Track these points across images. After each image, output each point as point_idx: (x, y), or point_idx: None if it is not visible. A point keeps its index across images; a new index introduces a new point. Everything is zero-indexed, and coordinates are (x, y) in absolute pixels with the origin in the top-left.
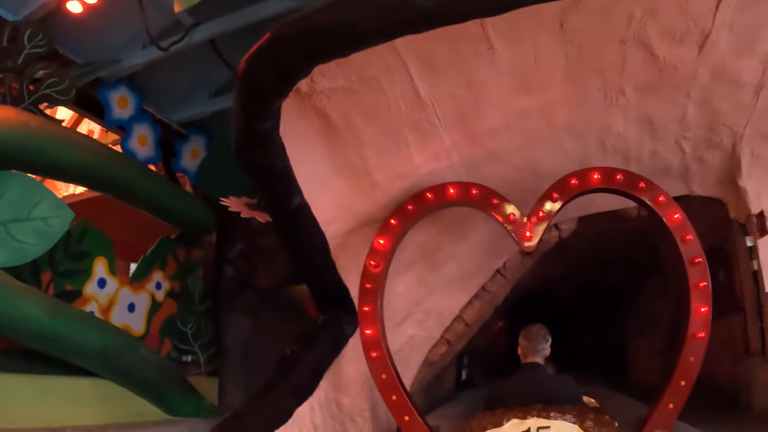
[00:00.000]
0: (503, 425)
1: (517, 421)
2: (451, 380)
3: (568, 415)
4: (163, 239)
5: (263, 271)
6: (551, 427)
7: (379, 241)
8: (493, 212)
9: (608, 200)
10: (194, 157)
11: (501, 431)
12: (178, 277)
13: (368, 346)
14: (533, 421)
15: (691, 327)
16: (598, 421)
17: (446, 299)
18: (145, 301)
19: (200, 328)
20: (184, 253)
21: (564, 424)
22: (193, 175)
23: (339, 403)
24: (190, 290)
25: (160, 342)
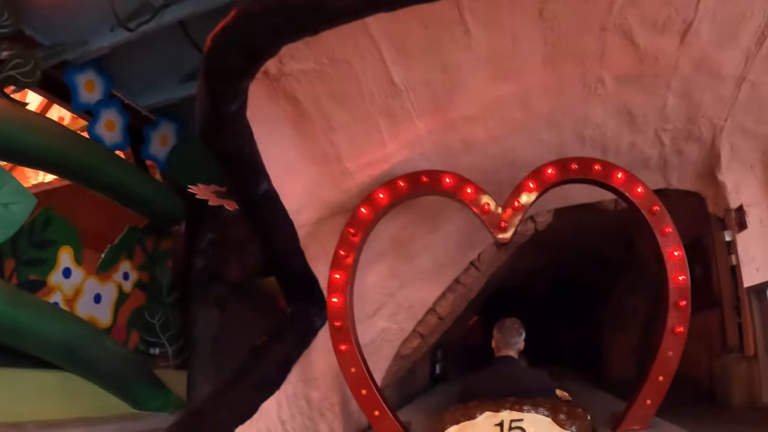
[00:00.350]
0: (476, 418)
1: (491, 413)
2: (425, 374)
3: (541, 408)
4: (131, 228)
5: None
6: (524, 420)
7: (349, 230)
8: (468, 202)
9: (585, 192)
10: (164, 144)
11: (474, 424)
12: (147, 267)
13: (337, 339)
14: (506, 413)
15: (669, 321)
16: (570, 414)
17: (419, 292)
18: (112, 292)
19: (168, 319)
20: (152, 243)
21: (537, 417)
22: (162, 162)
23: (308, 397)
24: (158, 281)
25: (127, 334)
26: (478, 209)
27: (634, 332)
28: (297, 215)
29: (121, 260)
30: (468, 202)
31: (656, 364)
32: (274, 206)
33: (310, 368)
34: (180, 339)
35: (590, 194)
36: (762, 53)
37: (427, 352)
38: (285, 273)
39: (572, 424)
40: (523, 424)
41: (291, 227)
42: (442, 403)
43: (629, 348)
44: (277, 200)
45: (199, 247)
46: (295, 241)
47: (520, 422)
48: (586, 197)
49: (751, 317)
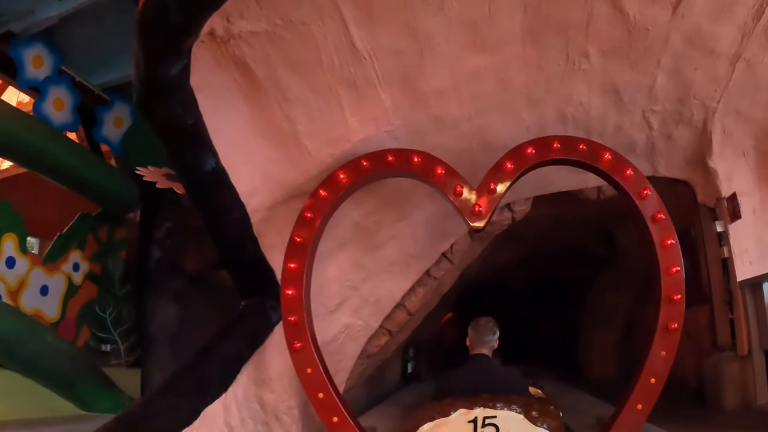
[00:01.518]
0: (450, 415)
1: (465, 411)
2: (396, 373)
3: (514, 405)
4: (83, 216)
5: (193, 254)
6: (497, 417)
7: (306, 214)
8: (438, 184)
9: (567, 178)
10: (118, 126)
11: (448, 421)
12: (99, 258)
13: (291, 336)
14: (480, 411)
15: (662, 317)
16: (543, 411)
17: (386, 285)
18: (61, 284)
19: (121, 314)
20: (106, 232)
21: (510, 414)
22: (116, 145)
23: (262, 400)
24: (110, 272)
25: (77, 329)
26: (449, 193)
27: (614, 329)
28: (250, 198)
29: (72, 250)
30: (438, 184)
31: (647, 364)
32: (222, 187)
33: (265, 368)
34: (133, 335)
35: (572, 180)
36: (759, 29)
37: (398, 350)
38: (236, 263)
39: (544, 421)
40: (496, 421)
41: (242, 211)
42: (413, 403)
43: (609, 345)
44: (225, 180)
45: (155, 237)
46: (247, 226)
47: (494, 419)
48: (568, 183)
49: (744, 313)
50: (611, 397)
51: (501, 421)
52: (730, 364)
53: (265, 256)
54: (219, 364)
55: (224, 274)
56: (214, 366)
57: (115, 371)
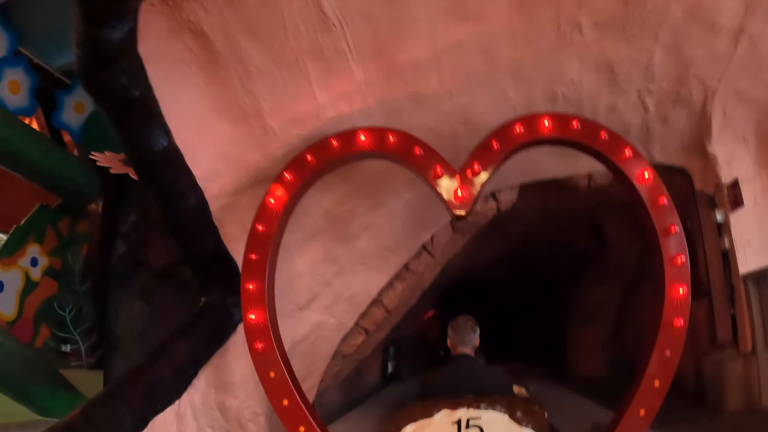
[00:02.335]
0: (433, 416)
1: (448, 411)
2: (376, 373)
3: (498, 405)
4: (42, 207)
5: (160, 248)
6: (481, 418)
7: (269, 199)
8: (416, 166)
9: (555, 164)
10: (79, 112)
11: (431, 422)
12: (59, 252)
13: (252, 335)
14: (463, 411)
15: (666, 313)
16: (527, 412)
17: (360, 279)
18: (17, 280)
19: (81, 312)
20: (67, 225)
21: (494, 415)
22: (77, 132)
23: (224, 406)
24: (71, 268)
25: (36, 328)
26: (429, 176)
27: (603, 326)
28: (209, 183)
29: (29, 243)
30: (416, 167)
31: (651, 365)
32: (175, 168)
33: (227, 371)
34: (94, 334)
35: (561, 166)
36: (764, 1)
37: (377, 350)
38: (195, 255)
39: (529, 421)
40: (480, 422)
41: (200, 197)
42: (392, 405)
43: (597, 342)
44: (180, 162)
45: (120, 230)
46: (206, 214)
47: (478, 420)
48: (557, 170)
49: (748, 308)
50: (600, 397)
51: (485, 422)
52: (733, 362)
53: (226, 248)
54: (172, 367)
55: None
56: (167, 369)
57: (75, 373)
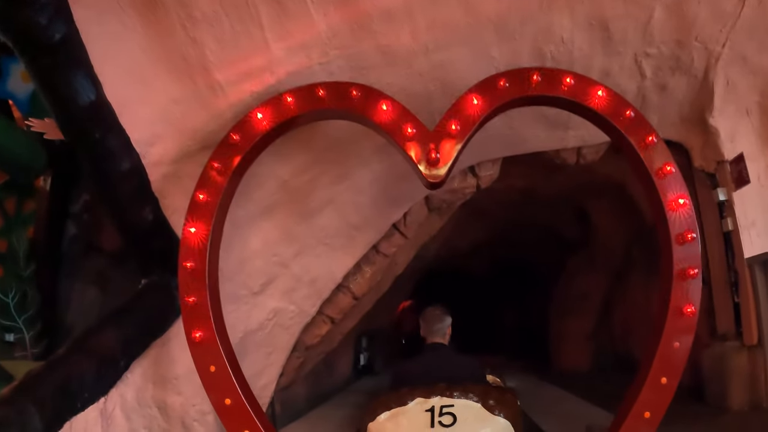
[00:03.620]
0: (407, 404)
1: (422, 399)
2: (347, 366)
3: (471, 394)
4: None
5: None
6: (455, 406)
7: (213, 164)
8: (383, 125)
9: (542, 136)
10: (26, 81)
11: (405, 410)
12: (5, 233)
13: (190, 322)
14: (437, 399)
15: (675, 298)
16: (500, 400)
17: (323, 261)
18: None
19: (26, 298)
20: (14, 205)
21: (467, 403)
22: (23, 102)
23: (163, 404)
24: (15, 250)
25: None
26: (397, 135)
27: (588, 317)
28: (148, 148)
29: None
30: (384, 126)
31: (657, 359)
32: (106, 127)
33: (169, 363)
34: (38, 323)
35: (548, 138)
36: None
37: (347, 341)
38: (130, 228)
39: (501, 409)
40: (453, 410)
41: (136, 162)
42: (364, 399)
43: (583, 334)
44: (110, 119)
45: (71, 211)
46: (144, 183)
47: (451, 408)
48: (543, 142)
49: (754, 296)
50: (585, 392)
51: (458, 409)
52: (736, 355)
53: (168, 222)
54: (97, 358)
55: None
56: (90, 361)
57: (19, 365)
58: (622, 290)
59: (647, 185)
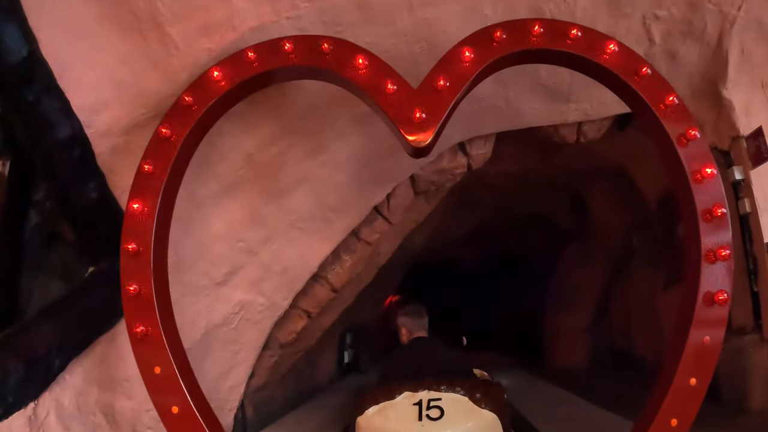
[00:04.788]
0: (395, 398)
1: (409, 393)
2: (331, 364)
3: (458, 387)
4: None
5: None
6: (442, 399)
7: (162, 130)
8: (360, 83)
9: (540, 110)
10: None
11: (393, 404)
12: None
13: (132, 315)
14: (425, 393)
15: (704, 284)
16: (487, 393)
17: (296, 248)
18: None
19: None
20: None
21: (454, 397)
22: None
23: (111, 409)
24: None
25: None
26: (377, 93)
27: (585, 310)
28: (94, 115)
29: None
30: (360, 82)
31: (685, 357)
32: (41, 88)
33: (118, 362)
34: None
35: (546, 111)
36: None
37: (329, 338)
38: (73, 207)
39: (488, 403)
40: (441, 403)
41: (77, 131)
42: (348, 398)
43: (579, 329)
44: (46, 79)
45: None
46: (86, 154)
47: (438, 401)
48: (541, 116)
49: None
50: (582, 390)
51: (445, 403)
52: (756, 350)
53: (117, 201)
54: (24, 357)
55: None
56: (16, 361)
57: None
58: (621, 282)
59: (667, 154)
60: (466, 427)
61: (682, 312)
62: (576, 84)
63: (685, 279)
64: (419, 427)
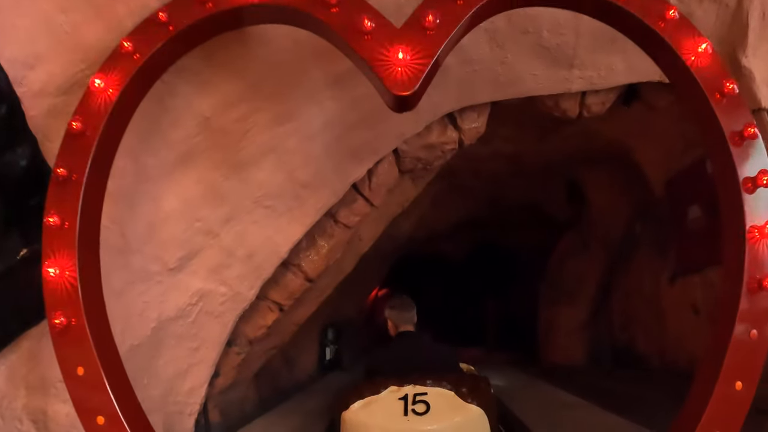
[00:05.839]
0: (380, 393)
1: (395, 388)
2: (311, 362)
3: (444, 382)
4: None
5: None
6: (428, 394)
7: (94, 81)
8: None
9: (541, 77)
10: None
11: (378, 399)
12: None
13: (52, 302)
14: (410, 388)
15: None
16: (473, 388)
17: (262, 230)
18: None
19: None
20: None
21: (440, 391)
22: None
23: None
24: None
25: None
26: (350, 32)
27: (581, 305)
28: (27, 71)
29: None
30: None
31: (729, 356)
32: None
33: (50, 361)
34: None
35: (548, 77)
36: None
37: (307, 333)
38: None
39: (474, 397)
40: (426, 398)
41: (5, 88)
42: (327, 398)
43: (575, 325)
44: None
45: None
46: (16, 116)
47: (424, 396)
48: (542, 83)
49: None
50: (579, 389)
51: (431, 397)
52: None
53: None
54: None
55: None
56: None
57: None
58: (622, 274)
59: (702, 112)
60: (453, 422)
61: (722, 302)
62: (582, 48)
63: (723, 263)
64: (405, 422)
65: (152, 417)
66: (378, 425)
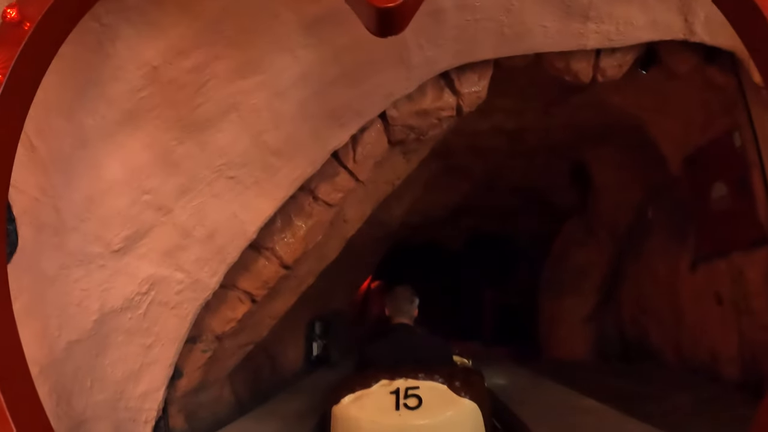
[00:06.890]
0: (372, 386)
1: (386, 382)
2: (297, 357)
3: (437, 375)
4: None
5: None
6: (420, 388)
7: (8, 10)
8: None
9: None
10: None
11: (369, 393)
12: None
13: None
14: (402, 381)
15: None
16: (466, 382)
17: (225, 205)
18: None
19: None
20: None
21: (432, 385)
22: None
23: None
24: None
25: None
26: None
27: (586, 297)
28: None
29: None
30: None
31: None
32: None
33: None
34: None
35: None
36: None
37: (292, 327)
38: None
39: (467, 391)
40: (418, 392)
41: None
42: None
43: (580, 317)
44: None
45: None
46: None
47: (416, 390)
48: (553, 38)
49: None
50: (583, 385)
51: (423, 391)
52: None
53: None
54: None
55: None
56: None
57: None
58: (633, 262)
59: None
60: (445, 417)
61: None
62: None
63: None
64: (396, 416)
65: (99, 426)
66: (369, 419)
